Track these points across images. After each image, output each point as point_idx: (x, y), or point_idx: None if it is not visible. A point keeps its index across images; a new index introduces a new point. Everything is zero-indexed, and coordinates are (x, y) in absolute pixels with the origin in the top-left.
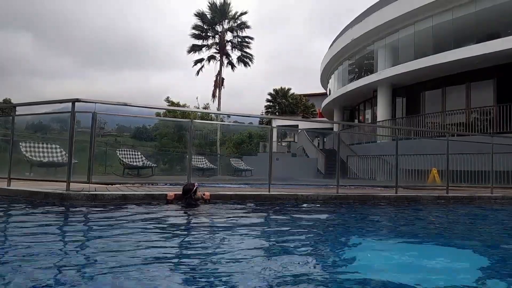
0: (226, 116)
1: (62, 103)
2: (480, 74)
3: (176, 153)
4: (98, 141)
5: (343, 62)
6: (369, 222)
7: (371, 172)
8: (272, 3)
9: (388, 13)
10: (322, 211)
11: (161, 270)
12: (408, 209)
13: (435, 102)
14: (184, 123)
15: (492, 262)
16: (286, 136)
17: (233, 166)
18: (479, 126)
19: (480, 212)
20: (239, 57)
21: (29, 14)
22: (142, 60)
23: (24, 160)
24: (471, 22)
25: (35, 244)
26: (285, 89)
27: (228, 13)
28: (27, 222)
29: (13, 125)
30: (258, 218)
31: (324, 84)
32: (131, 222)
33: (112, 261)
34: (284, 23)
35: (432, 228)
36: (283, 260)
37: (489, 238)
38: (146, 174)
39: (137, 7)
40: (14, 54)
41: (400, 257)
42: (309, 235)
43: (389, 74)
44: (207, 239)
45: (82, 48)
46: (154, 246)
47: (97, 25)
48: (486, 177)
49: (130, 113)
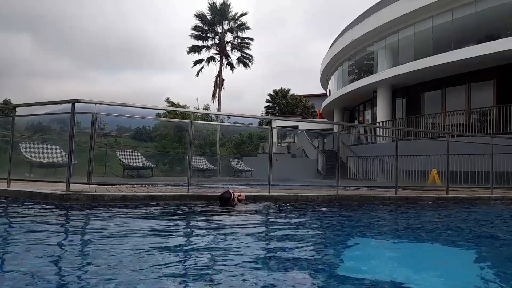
0: (226, 117)
1: (62, 104)
2: (480, 75)
3: (176, 154)
4: (98, 141)
5: (343, 63)
6: (369, 223)
7: (371, 173)
8: (271, 3)
9: (388, 14)
10: (322, 212)
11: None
12: (408, 209)
13: (435, 103)
14: (184, 124)
15: (492, 262)
16: (286, 137)
17: (233, 167)
18: (479, 127)
19: (480, 212)
20: (239, 58)
21: (29, 15)
22: (142, 60)
23: (24, 161)
24: (471, 23)
25: (35, 244)
26: (284, 90)
27: (228, 14)
28: (27, 223)
29: (13, 126)
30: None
31: (324, 85)
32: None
33: (120, 265)
34: (283, 24)
35: (432, 228)
36: (282, 260)
37: (489, 238)
38: (146, 175)
39: (137, 8)
40: (14, 55)
41: (400, 257)
42: (309, 236)
43: (389, 75)
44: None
45: (82, 49)
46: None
47: (96, 26)
48: (486, 178)
49: (130, 114)
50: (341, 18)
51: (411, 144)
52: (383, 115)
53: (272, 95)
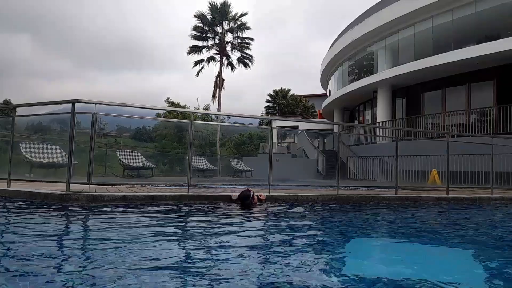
0: (226, 117)
1: (62, 104)
2: (480, 75)
3: (176, 154)
4: (98, 142)
5: (343, 63)
6: (369, 223)
7: (371, 173)
8: (271, 3)
9: (388, 14)
10: (322, 212)
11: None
12: (408, 210)
13: (435, 103)
14: (184, 124)
15: (492, 262)
16: (286, 137)
17: (233, 167)
18: (479, 127)
19: (480, 212)
20: (239, 58)
21: (29, 15)
22: (142, 61)
23: (24, 161)
24: (471, 23)
25: (35, 245)
26: (285, 90)
27: (228, 14)
28: (27, 223)
29: (13, 126)
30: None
31: (324, 85)
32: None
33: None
34: (284, 24)
35: (432, 228)
36: (281, 260)
37: (489, 238)
38: (146, 175)
39: (137, 8)
40: (14, 55)
41: (400, 257)
42: (309, 236)
43: (389, 75)
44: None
45: (82, 49)
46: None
47: (96, 26)
48: (486, 178)
49: (130, 114)
50: (341, 18)
51: (411, 144)
52: (383, 115)
53: (272, 95)
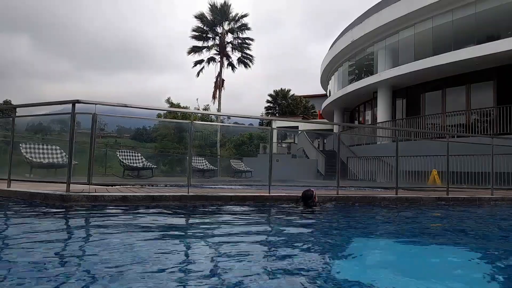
0: (226, 117)
1: (62, 104)
2: (480, 75)
3: (176, 154)
4: (98, 142)
5: (343, 64)
6: (369, 223)
7: (371, 173)
8: (271, 4)
9: (388, 15)
10: (321, 212)
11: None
12: (408, 210)
13: (435, 104)
14: (184, 124)
15: (491, 262)
16: (286, 138)
17: (233, 167)
18: (479, 127)
19: (480, 212)
20: (239, 58)
21: (28, 16)
22: (142, 61)
23: (24, 161)
24: (471, 24)
25: (35, 245)
26: (285, 90)
27: (228, 15)
28: (27, 223)
29: (13, 126)
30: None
31: (324, 85)
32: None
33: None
34: (284, 24)
35: (432, 228)
36: (281, 260)
37: (489, 238)
38: (146, 176)
39: (136, 8)
40: (14, 56)
41: (400, 257)
42: (308, 236)
43: (389, 75)
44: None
45: (81, 50)
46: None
47: (96, 27)
48: (486, 178)
49: (130, 115)
50: (341, 19)
51: (411, 145)
52: (383, 115)
53: (273, 95)
